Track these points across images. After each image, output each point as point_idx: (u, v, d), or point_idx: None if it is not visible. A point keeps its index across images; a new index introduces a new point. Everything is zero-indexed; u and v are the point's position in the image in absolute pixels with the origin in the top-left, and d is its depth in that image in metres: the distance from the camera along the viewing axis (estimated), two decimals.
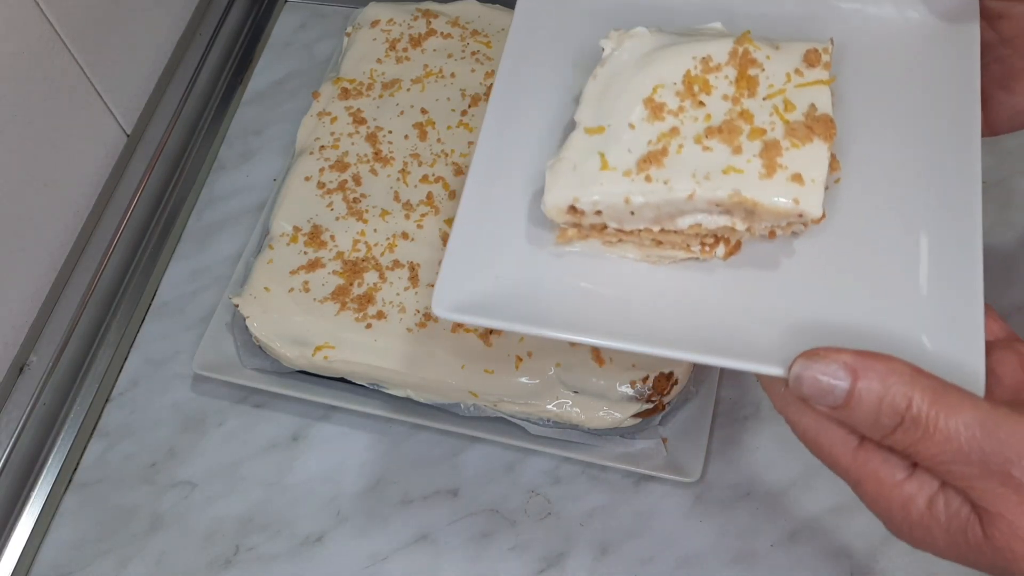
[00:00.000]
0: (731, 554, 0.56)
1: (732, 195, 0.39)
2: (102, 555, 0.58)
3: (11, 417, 0.62)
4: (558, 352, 0.56)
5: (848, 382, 0.35)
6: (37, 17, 0.62)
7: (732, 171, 0.40)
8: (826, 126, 0.40)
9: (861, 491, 0.37)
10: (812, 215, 0.39)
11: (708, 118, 0.41)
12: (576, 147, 0.42)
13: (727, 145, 0.40)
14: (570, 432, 0.57)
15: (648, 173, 0.40)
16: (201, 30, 0.79)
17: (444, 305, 0.41)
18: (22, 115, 0.61)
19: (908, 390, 0.34)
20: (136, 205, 0.70)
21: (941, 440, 0.33)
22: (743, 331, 0.40)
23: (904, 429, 0.34)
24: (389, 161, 0.65)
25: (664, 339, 0.39)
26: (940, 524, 0.35)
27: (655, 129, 0.41)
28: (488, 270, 0.42)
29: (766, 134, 0.40)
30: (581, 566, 0.56)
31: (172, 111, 0.75)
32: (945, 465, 0.34)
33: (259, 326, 0.59)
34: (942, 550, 0.36)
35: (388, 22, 0.72)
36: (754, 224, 0.41)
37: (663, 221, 0.41)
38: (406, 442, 0.61)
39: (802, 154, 0.40)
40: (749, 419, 0.60)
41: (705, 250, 0.42)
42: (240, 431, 0.62)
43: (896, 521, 0.36)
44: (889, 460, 0.36)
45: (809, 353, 0.36)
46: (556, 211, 0.41)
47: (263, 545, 0.58)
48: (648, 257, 0.43)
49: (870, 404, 0.34)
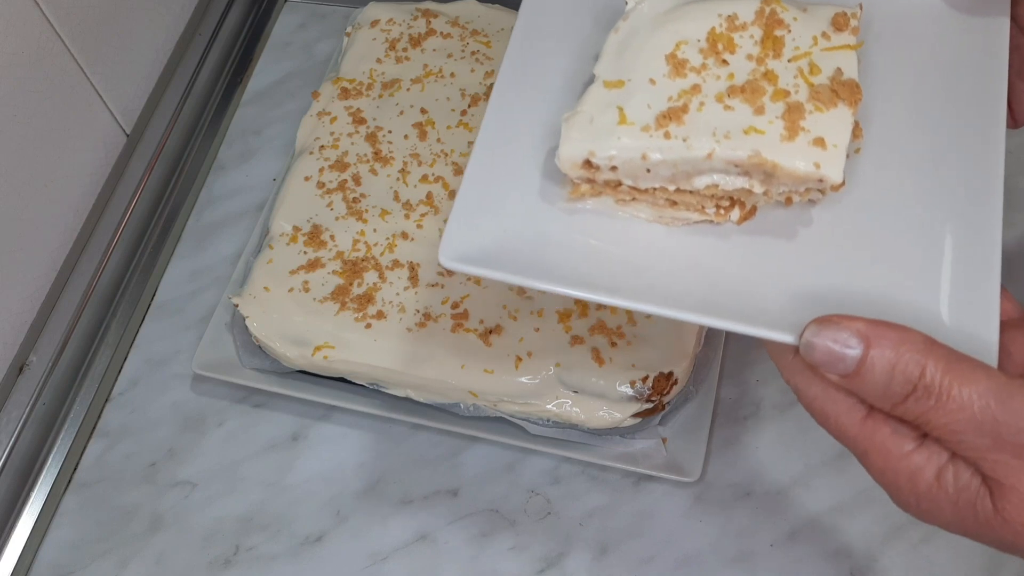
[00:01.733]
0: (731, 554, 0.56)
1: (752, 156, 0.38)
2: (102, 555, 0.58)
3: (11, 417, 0.62)
4: (558, 352, 0.56)
5: (860, 349, 0.34)
6: (37, 17, 0.62)
7: (753, 131, 0.39)
8: (852, 91, 0.39)
9: (868, 462, 0.36)
10: (833, 181, 0.38)
11: (731, 77, 0.40)
12: (594, 100, 0.41)
13: (749, 105, 0.40)
14: (570, 432, 0.57)
15: (667, 129, 0.39)
16: (201, 30, 0.79)
17: (450, 255, 0.39)
18: (22, 115, 0.61)
19: (922, 358, 0.33)
20: (136, 205, 0.70)
21: (954, 409, 0.33)
22: (754, 297, 0.39)
23: (916, 397, 0.33)
24: (389, 161, 0.65)
25: (673, 300, 0.38)
26: (948, 496, 0.34)
27: (676, 86, 0.40)
28: (497, 222, 0.41)
29: (790, 96, 0.40)
30: (581, 566, 0.56)
31: (172, 111, 0.75)
32: (957, 435, 0.33)
33: (259, 326, 0.59)
34: (949, 523, 0.35)
35: (388, 22, 0.72)
36: (772, 188, 0.40)
37: (679, 180, 0.40)
38: (406, 442, 0.61)
39: (826, 118, 0.39)
40: (749, 419, 0.60)
41: (720, 213, 0.41)
42: (240, 431, 0.62)
43: (903, 493, 0.36)
44: (898, 431, 0.35)
45: (822, 319, 0.35)
46: (570, 165, 0.40)
47: (263, 545, 0.58)
48: (661, 218, 0.42)
49: (882, 371, 0.34)
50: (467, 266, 0.39)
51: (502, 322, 0.57)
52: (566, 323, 0.57)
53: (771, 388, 0.60)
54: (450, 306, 0.58)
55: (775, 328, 0.37)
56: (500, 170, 0.42)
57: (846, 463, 0.58)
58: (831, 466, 0.58)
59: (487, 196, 0.42)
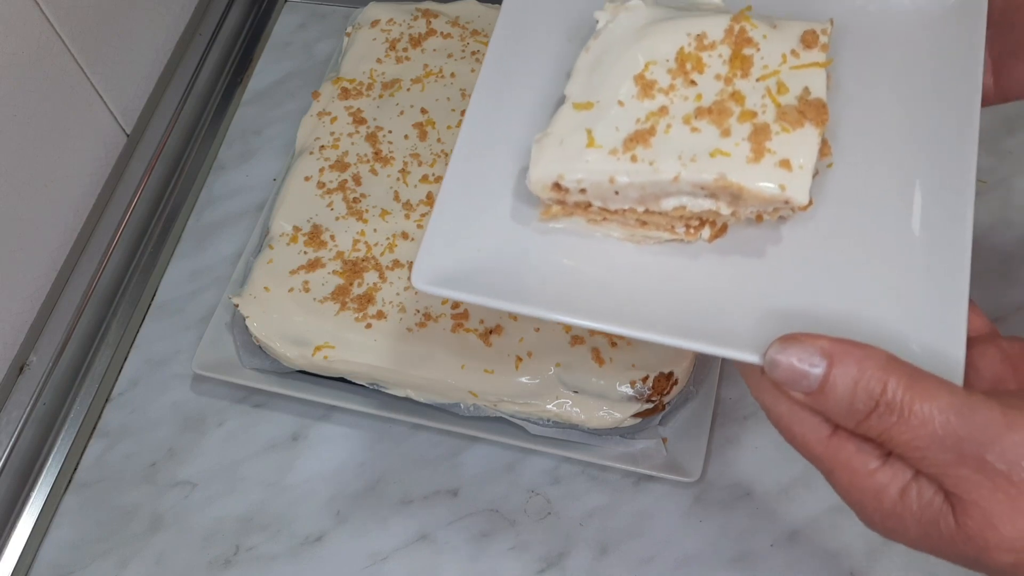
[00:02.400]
0: (731, 554, 0.56)
1: (718, 179, 0.39)
2: (102, 555, 0.58)
3: (11, 417, 0.62)
4: (558, 352, 0.56)
5: (823, 367, 0.34)
6: (37, 17, 0.62)
7: (719, 154, 0.39)
8: (818, 111, 0.39)
9: (834, 480, 0.36)
10: (798, 202, 0.38)
11: (699, 98, 0.41)
12: (564, 122, 0.41)
13: (716, 127, 0.40)
14: (570, 432, 0.57)
15: (634, 153, 0.40)
16: (201, 30, 0.79)
17: (424, 278, 0.40)
18: (22, 115, 0.61)
19: (883, 375, 0.34)
20: (136, 205, 0.70)
21: (916, 425, 0.33)
22: (723, 316, 0.39)
23: (879, 414, 0.34)
24: (389, 161, 0.65)
25: (642, 321, 0.39)
26: (912, 513, 0.35)
27: (644, 107, 0.41)
28: (470, 244, 0.42)
29: (756, 117, 0.40)
30: (581, 566, 0.56)
31: (172, 111, 0.75)
32: (919, 451, 0.33)
33: (259, 326, 0.59)
34: (914, 540, 0.35)
35: (388, 22, 0.72)
36: (739, 208, 0.40)
37: (648, 202, 0.41)
38: (406, 442, 0.61)
39: (792, 139, 0.39)
40: (749, 419, 0.60)
41: (690, 232, 0.42)
42: (240, 431, 0.62)
43: (868, 511, 0.36)
44: (862, 449, 0.35)
45: (785, 338, 0.35)
46: (540, 187, 0.41)
47: (263, 545, 0.58)
48: (632, 237, 0.42)
49: (845, 388, 0.34)
50: (440, 289, 0.40)
51: (502, 322, 0.57)
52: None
53: None
54: (450, 306, 0.58)
55: (741, 348, 0.37)
56: (473, 191, 0.43)
57: None
58: None
59: (460, 218, 0.42)
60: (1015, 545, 0.33)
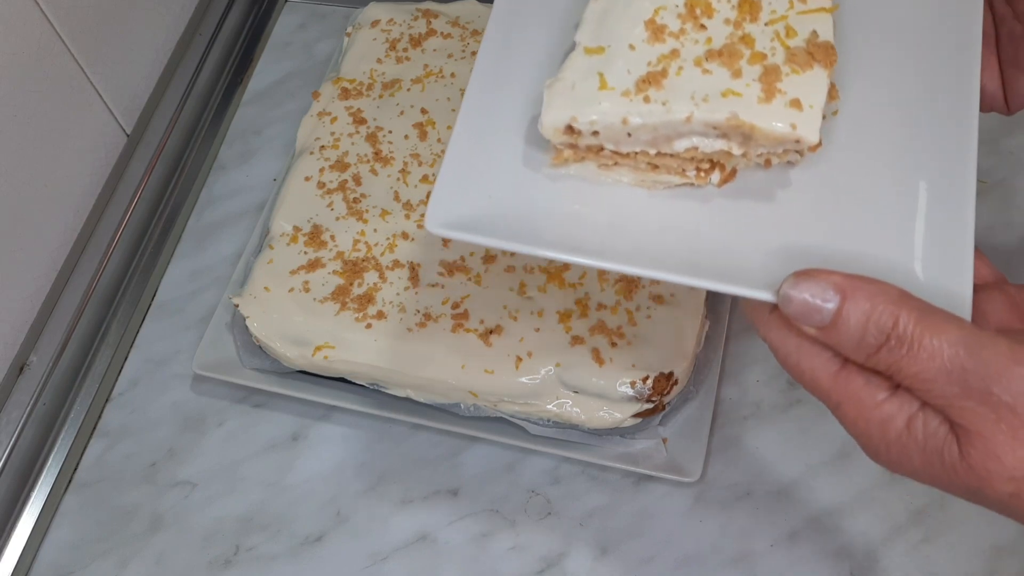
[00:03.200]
0: (731, 554, 0.56)
1: (729, 118, 0.39)
2: (102, 555, 0.58)
3: (11, 417, 0.62)
4: (558, 352, 0.56)
5: (836, 302, 0.35)
6: (37, 17, 0.62)
7: (731, 94, 0.40)
8: (827, 53, 0.40)
9: (841, 413, 0.37)
10: (809, 141, 0.39)
11: (709, 41, 0.41)
12: (575, 67, 0.41)
13: (727, 68, 0.40)
14: (570, 432, 0.57)
15: (647, 94, 0.40)
16: (201, 30, 0.79)
17: (437, 222, 0.40)
18: (22, 115, 0.61)
19: (895, 309, 0.34)
20: (136, 205, 0.70)
21: (925, 358, 0.34)
22: (734, 257, 0.40)
23: (889, 347, 0.34)
24: (389, 161, 0.65)
25: (654, 261, 0.39)
26: (917, 444, 0.35)
27: (655, 51, 0.41)
28: (482, 189, 0.42)
29: (766, 59, 0.40)
30: (581, 566, 0.56)
31: (172, 111, 0.75)
32: (927, 383, 0.34)
33: (259, 326, 0.59)
34: (918, 471, 0.36)
35: (388, 22, 0.72)
36: (750, 149, 0.40)
37: (659, 144, 0.41)
38: (406, 442, 0.61)
39: (802, 80, 0.40)
40: (749, 419, 0.60)
41: (700, 175, 0.42)
42: (240, 431, 0.62)
43: (874, 442, 0.36)
44: (871, 382, 0.36)
45: (800, 273, 0.36)
46: (553, 131, 0.41)
47: (263, 545, 0.58)
48: (643, 182, 0.42)
49: (857, 323, 0.35)
50: (453, 232, 0.40)
51: (502, 322, 0.57)
52: (566, 323, 0.57)
53: (771, 388, 0.60)
54: (450, 306, 0.58)
55: (753, 286, 0.37)
56: (484, 138, 0.43)
57: (846, 463, 0.58)
58: (831, 466, 0.58)
59: (472, 163, 0.42)
60: (1015, 474, 0.33)
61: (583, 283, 0.58)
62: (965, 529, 0.55)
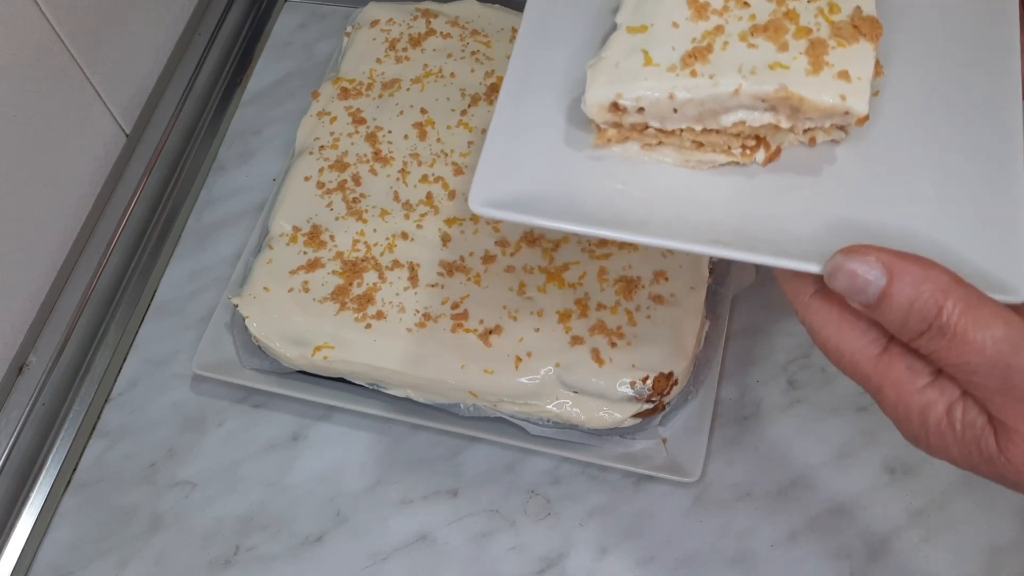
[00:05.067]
0: (731, 554, 0.56)
1: (779, 90, 0.39)
2: (102, 555, 0.58)
3: (11, 417, 0.62)
4: (558, 352, 0.56)
5: (884, 281, 0.34)
6: (37, 17, 0.62)
7: (778, 67, 0.40)
8: (872, 26, 0.40)
9: (881, 396, 0.37)
10: (858, 112, 0.39)
11: (753, 18, 0.41)
12: (618, 46, 0.41)
13: (773, 43, 0.40)
14: (570, 432, 0.57)
15: (693, 68, 0.40)
16: (201, 30, 0.79)
17: (480, 201, 0.40)
18: (22, 115, 0.61)
19: (940, 298, 0.34)
20: (136, 205, 0.70)
21: (968, 351, 0.33)
22: (781, 231, 0.39)
23: (930, 336, 0.34)
24: (389, 161, 0.65)
25: (701, 236, 0.39)
26: (955, 432, 0.35)
27: (699, 28, 0.41)
28: (524, 169, 0.42)
29: (812, 33, 0.40)
30: (581, 566, 0.56)
31: (171, 111, 0.75)
32: (968, 375, 0.34)
33: (259, 326, 0.59)
34: (955, 457, 0.36)
35: (388, 22, 0.72)
36: (798, 123, 0.40)
37: (706, 119, 0.41)
38: (406, 442, 0.61)
39: (848, 53, 0.40)
40: (749, 419, 0.60)
41: (745, 153, 0.42)
42: (240, 431, 0.62)
43: (914, 427, 0.36)
44: (913, 367, 0.36)
45: (849, 249, 0.36)
46: (597, 109, 0.41)
47: (263, 545, 0.58)
48: (687, 162, 0.42)
49: (900, 307, 0.34)
50: (497, 211, 0.40)
51: (502, 322, 0.57)
52: (566, 323, 0.57)
53: (771, 388, 0.60)
54: (450, 306, 0.58)
55: (801, 258, 0.37)
56: (525, 118, 0.43)
57: (846, 463, 0.58)
58: (831, 466, 0.58)
59: (514, 143, 0.42)
60: None
61: (583, 283, 0.58)
62: (965, 529, 0.55)
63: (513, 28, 0.71)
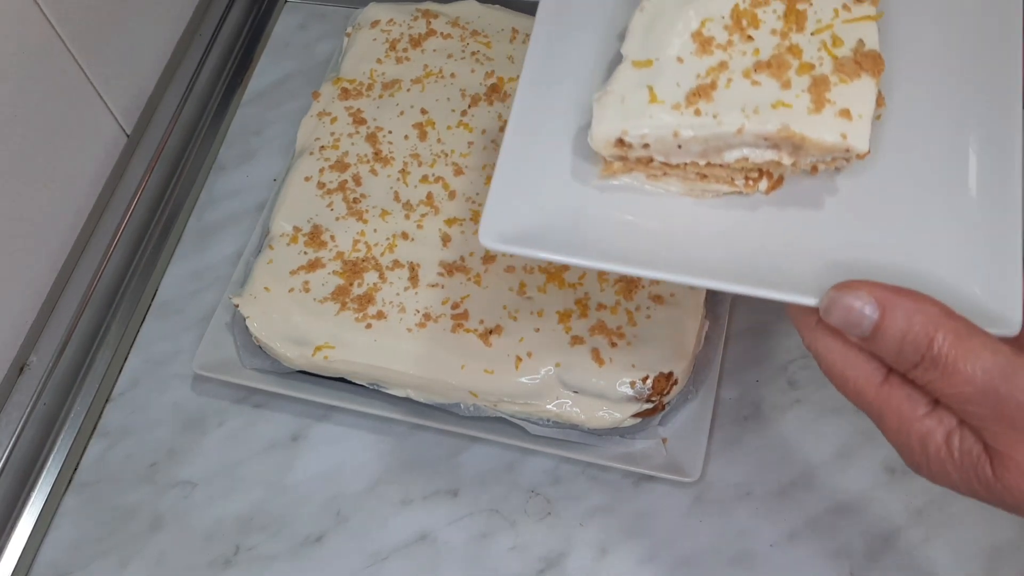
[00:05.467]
0: (731, 554, 0.56)
1: (781, 129, 0.40)
2: (102, 555, 0.58)
3: (11, 417, 0.62)
4: (558, 352, 0.56)
5: (876, 315, 0.36)
6: (37, 17, 0.62)
7: (781, 105, 0.40)
8: (874, 61, 0.40)
9: (883, 424, 0.38)
10: (859, 150, 0.40)
11: (756, 52, 0.42)
12: (624, 80, 0.42)
13: (776, 80, 0.41)
14: (570, 432, 0.57)
15: (697, 107, 0.40)
16: (201, 30, 0.79)
17: (491, 236, 0.41)
18: (22, 115, 0.61)
19: (931, 330, 0.35)
20: (136, 205, 0.70)
21: (959, 382, 0.34)
22: (782, 264, 0.40)
23: (924, 367, 0.35)
24: (389, 161, 0.65)
25: (703, 270, 0.40)
26: (954, 460, 0.36)
27: (704, 63, 0.41)
28: (533, 203, 0.42)
29: (815, 69, 0.41)
30: (581, 566, 0.56)
31: (172, 111, 0.75)
32: (961, 404, 0.35)
33: (259, 326, 0.59)
34: (956, 483, 0.37)
35: (388, 22, 0.72)
36: (800, 158, 0.41)
37: (710, 155, 0.41)
38: (406, 442, 0.61)
39: (850, 89, 0.40)
40: (749, 419, 0.60)
41: (749, 184, 0.42)
42: (240, 431, 0.62)
43: (915, 454, 0.37)
44: (912, 395, 0.37)
45: (842, 284, 0.37)
46: (603, 144, 0.41)
47: (263, 545, 0.58)
48: (691, 191, 0.43)
49: (893, 339, 0.35)
50: (507, 246, 0.40)
51: (502, 322, 0.57)
52: (566, 323, 0.57)
53: (771, 388, 0.60)
54: (450, 306, 0.58)
55: (800, 292, 0.38)
56: (533, 151, 0.43)
57: (846, 463, 0.58)
58: (831, 466, 0.58)
59: (522, 177, 0.43)
60: None
61: (583, 283, 0.58)
62: (965, 529, 0.55)
63: (513, 28, 0.71)
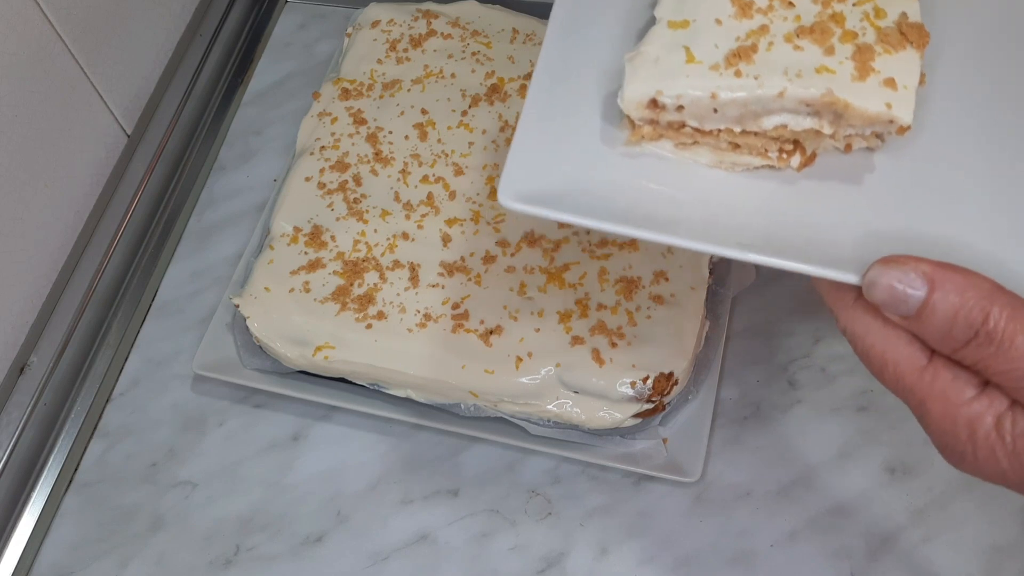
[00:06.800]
0: (731, 554, 0.56)
1: (825, 95, 0.38)
2: (102, 555, 0.58)
3: (11, 417, 0.62)
4: (558, 352, 0.56)
5: (924, 291, 0.34)
6: (37, 17, 0.62)
7: (825, 71, 0.39)
8: (919, 34, 0.39)
9: (924, 411, 0.35)
10: (903, 121, 0.38)
11: (798, 19, 0.40)
12: (658, 41, 0.40)
13: (819, 46, 0.39)
14: (570, 432, 0.57)
15: (738, 68, 0.39)
16: (201, 30, 0.79)
17: (509, 195, 0.39)
18: (22, 115, 0.62)
19: (987, 304, 0.33)
20: (136, 205, 0.71)
21: (1015, 357, 0.33)
22: (818, 239, 0.38)
23: (977, 344, 0.33)
24: (389, 161, 0.65)
25: (735, 240, 0.38)
26: (1005, 444, 0.34)
27: (743, 26, 0.40)
28: (555, 164, 0.40)
29: (858, 38, 0.40)
30: (581, 566, 0.56)
31: (172, 111, 0.75)
32: (1017, 381, 0.33)
33: (259, 326, 0.59)
34: (1005, 473, 0.35)
35: (388, 22, 0.72)
36: (840, 128, 0.40)
37: (746, 121, 0.40)
38: (406, 442, 0.61)
39: (895, 60, 0.39)
40: (749, 419, 0.60)
41: (782, 157, 0.41)
42: (240, 431, 0.62)
43: (960, 443, 0.35)
44: (958, 378, 0.35)
45: (887, 259, 0.35)
46: (635, 105, 0.40)
47: (263, 545, 0.58)
48: (721, 163, 0.41)
49: (944, 316, 0.33)
50: (527, 206, 0.39)
51: (502, 322, 0.57)
52: (566, 323, 0.57)
53: (771, 388, 0.60)
54: (450, 306, 0.58)
55: (839, 268, 0.36)
56: (556, 111, 0.42)
57: (846, 463, 0.58)
58: (831, 466, 0.58)
59: (544, 136, 0.41)
60: None
61: (583, 283, 0.58)
62: (965, 529, 0.55)
63: (514, 28, 0.71)
